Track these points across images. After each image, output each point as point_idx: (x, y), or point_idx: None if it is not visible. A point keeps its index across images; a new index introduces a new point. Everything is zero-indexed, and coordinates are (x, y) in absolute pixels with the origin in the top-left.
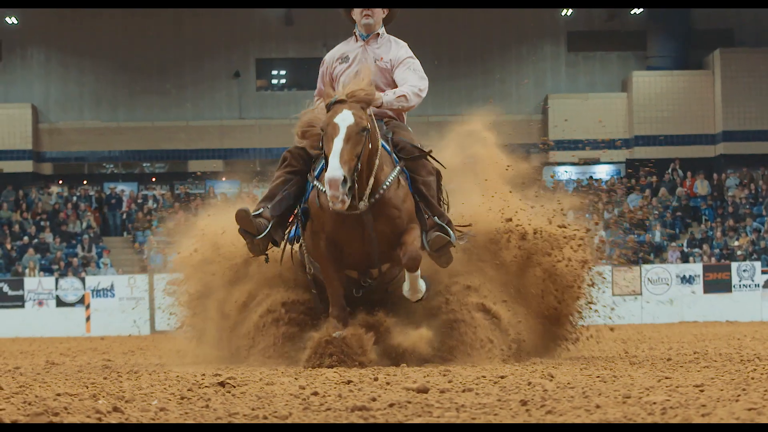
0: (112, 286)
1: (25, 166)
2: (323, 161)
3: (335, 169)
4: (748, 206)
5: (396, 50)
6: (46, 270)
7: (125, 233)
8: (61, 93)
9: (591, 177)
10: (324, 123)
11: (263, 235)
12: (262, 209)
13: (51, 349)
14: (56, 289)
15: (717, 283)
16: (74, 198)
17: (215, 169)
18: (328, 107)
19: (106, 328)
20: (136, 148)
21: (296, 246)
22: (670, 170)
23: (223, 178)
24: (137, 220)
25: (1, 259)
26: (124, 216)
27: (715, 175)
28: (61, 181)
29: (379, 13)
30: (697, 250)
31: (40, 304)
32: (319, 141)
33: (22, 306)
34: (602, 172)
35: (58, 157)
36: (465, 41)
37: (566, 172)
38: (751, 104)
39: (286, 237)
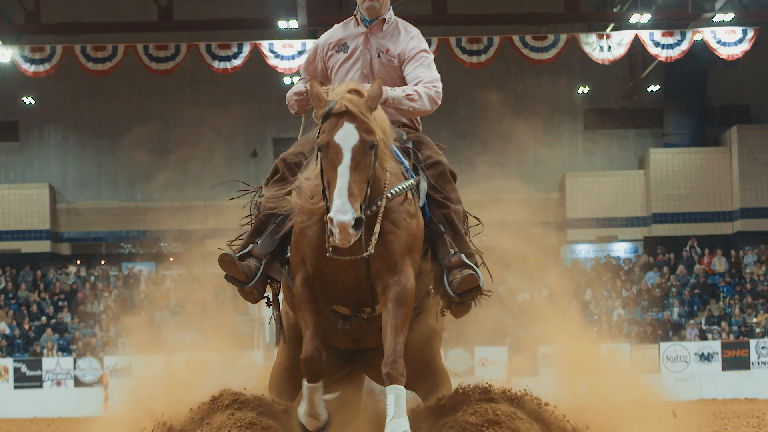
0: (130, 365)
1: (43, 246)
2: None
3: (345, 211)
4: (766, 283)
5: (405, 41)
6: (64, 350)
7: (143, 313)
8: (79, 173)
9: (609, 255)
10: (321, 141)
11: (254, 281)
12: (250, 246)
13: (70, 430)
14: (74, 369)
15: (735, 361)
16: (92, 278)
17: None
18: (324, 118)
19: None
20: (154, 228)
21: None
22: (687, 247)
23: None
24: (155, 300)
25: (20, 339)
26: (142, 296)
27: (732, 252)
28: (78, 261)
29: None
30: (715, 327)
31: (59, 384)
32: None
33: (41, 386)
34: (620, 250)
35: (75, 237)
36: (482, 118)
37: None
38: None
39: (287, 269)
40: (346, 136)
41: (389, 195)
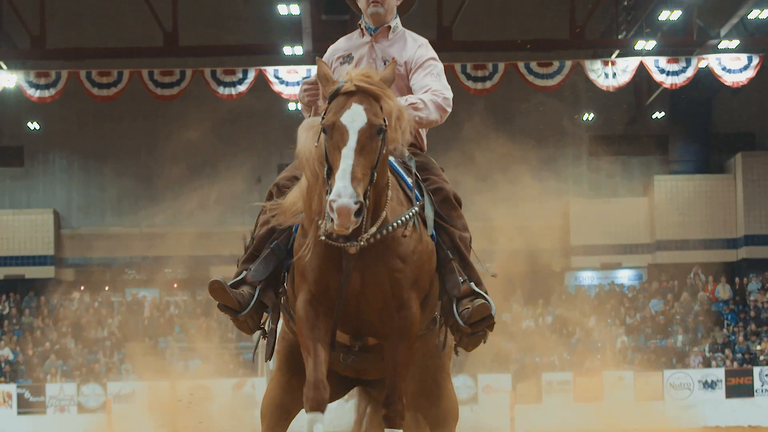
0: (133, 392)
1: (47, 271)
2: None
3: (346, 195)
4: None
5: (413, 49)
6: (68, 376)
7: (147, 339)
8: (83, 198)
9: (613, 282)
10: (326, 122)
11: (247, 310)
12: (244, 272)
13: None
14: (78, 395)
15: (739, 388)
16: (96, 304)
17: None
18: (330, 98)
19: None
20: (158, 254)
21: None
22: (691, 274)
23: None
24: (159, 326)
25: (23, 365)
26: (146, 322)
27: (737, 280)
28: (82, 287)
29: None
30: (719, 354)
31: (62, 410)
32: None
33: (44, 412)
34: (624, 276)
35: (80, 263)
36: (485, 144)
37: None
38: None
39: (282, 299)
40: (354, 118)
41: (394, 225)
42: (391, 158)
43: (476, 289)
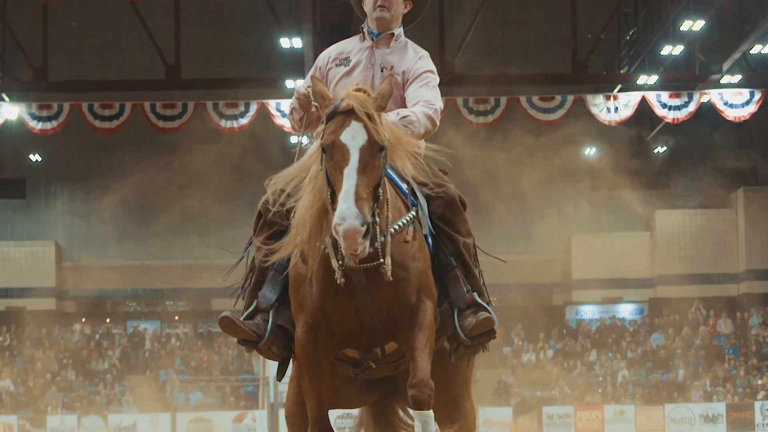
0: (134, 424)
1: (48, 303)
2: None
3: (352, 217)
4: None
5: (413, 59)
6: (69, 408)
7: (148, 371)
8: (85, 231)
9: (614, 316)
10: (325, 141)
11: (266, 339)
12: (255, 302)
13: None
14: (78, 427)
15: (740, 422)
16: (97, 336)
17: (239, 308)
18: (329, 117)
19: None
20: (159, 287)
21: None
22: (693, 309)
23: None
24: (160, 358)
25: (24, 397)
26: (147, 354)
27: (738, 314)
28: (84, 319)
29: (399, 5)
30: (720, 389)
31: None
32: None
33: None
34: (625, 311)
35: (81, 295)
36: (487, 178)
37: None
38: None
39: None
40: (354, 136)
41: (392, 230)
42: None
43: (479, 300)
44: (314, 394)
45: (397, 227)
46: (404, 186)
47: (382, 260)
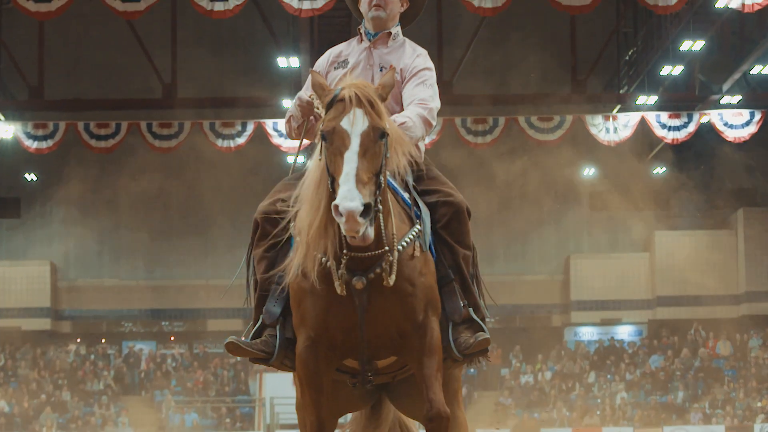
0: None
1: (44, 324)
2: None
3: (351, 198)
4: None
5: (411, 57)
6: (64, 429)
7: (143, 392)
8: (80, 251)
9: (613, 338)
10: (325, 127)
11: (276, 354)
12: (261, 317)
13: None
14: None
15: None
16: (92, 356)
17: (235, 328)
18: (328, 106)
19: None
20: (155, 307)
21: None
22: (692, 331)
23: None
24: (155, 379)
25: (18, 418)
26: (143, 375)
27: (737, 336)
28: (79, 340)
29: (394, 5)
30: (719, 411)
31: None
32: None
33: None
34: (624, 332)
35: (76, 315)
36: (486, 198)
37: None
38: None
39: None
40: (354, 122)
41: (400, 248)
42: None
43: (474, 316)
44: (314, 408)
45: (405, 243)
46: (406, 195)
47: (387, 267)
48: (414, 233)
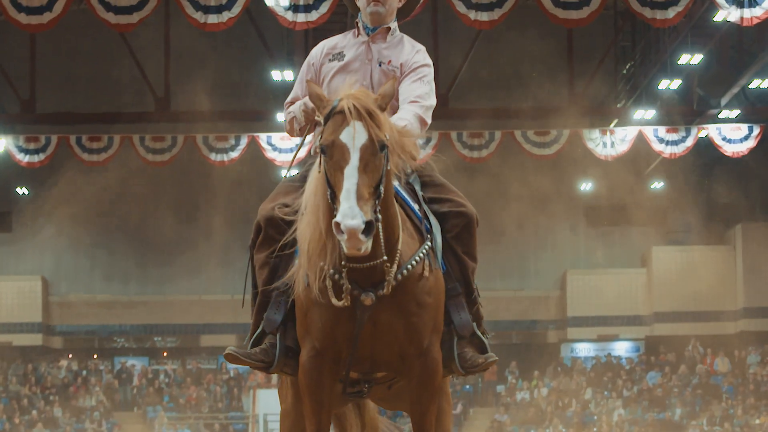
0: None
1: (35, 339)
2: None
3: (353, 215)
4: None
5: (410, 53)
6: None
7: (135, 408)
8: (72, 266)
9: (610, 354)
10: (325, 140)
11: (276, 363)
12: (262, 324)
13: None
14: None
15: None
16: (84, 372)
17: (228, 344)
18: (327, 118)
19: None
20: (148, 322)
21: None
22: (690, 347)
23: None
24: (148, 395)
25: None
26: (135, 391)
27: (736, 352)
28: (71, 355)
29: (394, 0)
30: (717, 428)
31: None
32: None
33: None
34: (621, 349)
35: (68, 331)
36: (482, 213)
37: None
38: None
39: None
40: (354, 135)
41: (409, 267)
42: (396, 183)
43: (477, 331)
44: (314, 420)
45: (414, 262)
46: (416, 207)
47: (388, 281)
48: (424, 251)
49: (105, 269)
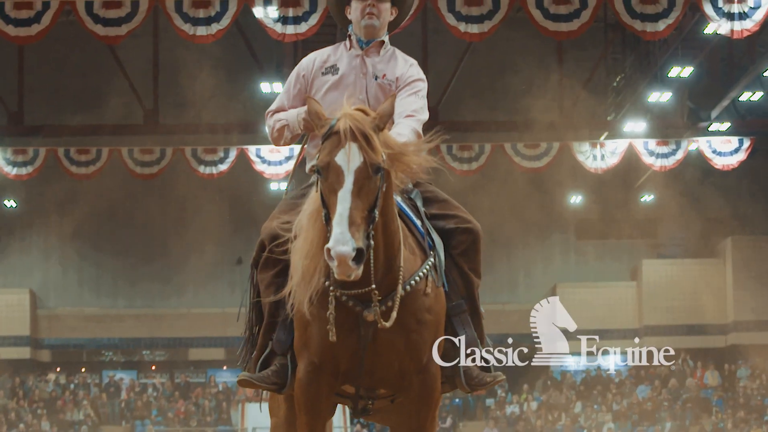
0: None
1: (23, 352)
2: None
3: (344, 242)
4: (759, 397)
5: (404, 67)
6: None
7: (124, 422)
8: (60, 279)
9: (599, 368)
10: (320, 162)
11: (288, 384)
12: (269, 345)
13: None
14: None
15: None
16: (72, 386)
17: (216, 358)
18: (325, 137)
19: None
20: (136, 336)
21: None
22: (680, 361)
23: (225, 367)
24: (136, 409)
25: None
26: (123, 404)
27: (726, 366)
28: (59, 369)
29: (387, 13)
30: None
31: None
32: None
33: None
34: (611, 362)
35: (56, 344)
36: None
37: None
38: (764, 293)
39: None
40: (349, 157)
41: (409, 287)
42: (398, 198)
43: (481, 348)
44: None
45: (416, 279)
46: (419, 223)
47: (376, 309)
48: (427, 268)
49: (93, 283)
